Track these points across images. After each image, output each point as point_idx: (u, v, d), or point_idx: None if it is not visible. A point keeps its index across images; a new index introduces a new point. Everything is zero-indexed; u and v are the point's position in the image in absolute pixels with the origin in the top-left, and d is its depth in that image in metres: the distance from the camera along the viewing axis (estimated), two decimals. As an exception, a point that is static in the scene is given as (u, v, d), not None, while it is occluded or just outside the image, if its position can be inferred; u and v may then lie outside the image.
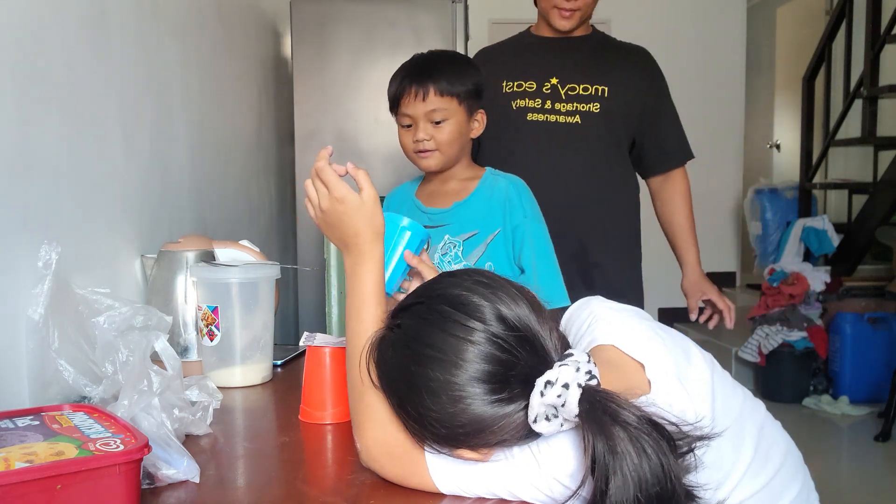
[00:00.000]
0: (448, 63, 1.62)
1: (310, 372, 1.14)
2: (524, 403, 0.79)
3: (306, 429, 1.11)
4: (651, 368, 0.86)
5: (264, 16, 2.91)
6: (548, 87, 1.96)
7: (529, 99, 1.96)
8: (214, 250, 1.49)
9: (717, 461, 0.84)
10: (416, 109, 1.54)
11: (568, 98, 1.95)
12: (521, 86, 1.98)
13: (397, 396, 0.86)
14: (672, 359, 0.89)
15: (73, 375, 1.08)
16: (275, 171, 3.02)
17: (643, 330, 0.92)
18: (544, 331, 0.84)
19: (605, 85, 1.94)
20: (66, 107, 1.25)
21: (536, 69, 1.98)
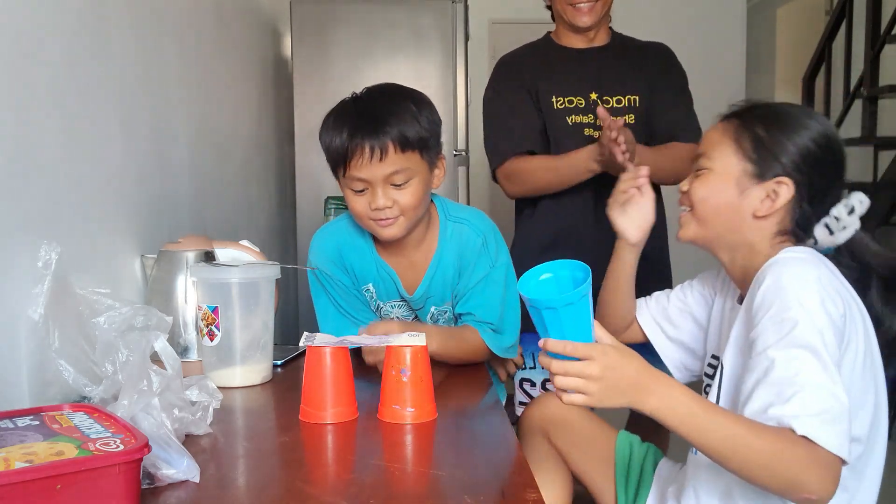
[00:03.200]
0: (402, 105, 1.34)
1: (310, 372, 1.14)
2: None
3: (306, 429, 1.11)
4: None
5: (264, 16, 2.91)
6: (592, 102, 1.97)
7: (582, 115, 1.97)
8: (214, 250, 1.49)
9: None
10: (374, 172, 1.30)
11: (610, 112, 1.93)
12: (571, 101, 1.97)
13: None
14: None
15: (73, 375, 1.08)
16: (275, 171, 3.02)
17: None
18: None
19: (635, 94, 1.96)
20: (66, 107, 1.25)
21: (579, 84, 1.98)
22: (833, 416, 0.91)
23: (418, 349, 1.15)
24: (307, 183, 2.97)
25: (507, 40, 5.33)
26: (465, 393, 1.34)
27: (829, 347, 0.95)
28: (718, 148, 1.15)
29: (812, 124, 1.11)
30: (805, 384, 0.92)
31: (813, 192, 1.10)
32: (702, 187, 1.15)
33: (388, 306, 1.55)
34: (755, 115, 1.14)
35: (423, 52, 2.91)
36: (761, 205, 1.10)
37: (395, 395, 1.12)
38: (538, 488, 0.88)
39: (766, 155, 1.10)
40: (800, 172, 1.09)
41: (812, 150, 1.09)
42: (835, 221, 1.10)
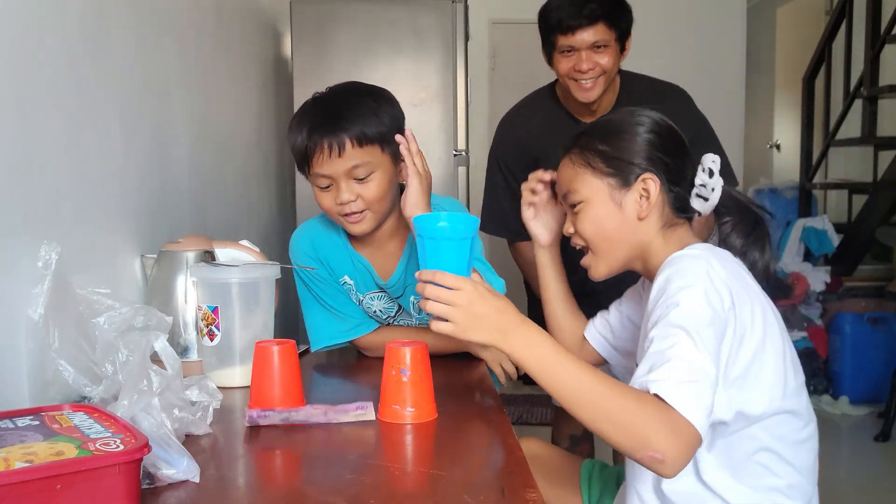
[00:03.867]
0: (358, 101, 1.38)
1: (258, 371, 1.17)
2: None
3: (306, 429, 1.11)
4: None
5: (264, 16, 2.91)
6: None
7: None
8: (214, 250, 1.49)
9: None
10: (334, 168, 1.34)
11: None
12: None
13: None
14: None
15: (73, 375, 1.08)
16: (275, 171, 3.02)
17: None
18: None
19: None
20: (66, 107, 1.25)
21: None
22: (695, 387, 0.92)
23: (418, 349, 1.15)
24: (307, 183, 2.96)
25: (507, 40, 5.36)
26: (465, 393, 1.34)
27: (703, 330, 0.96)
28: (578, 179, 1.17)
29: (639, 118, 1.16)
30: (673, 356, 0.94)
31: (672, 173, 1.14)
32: (585, 221, 1.16)
33: (368, 298, 1.57)
34: (590, 136, 1.17)
35: (423, 52, 2.90)
36: (640, 206, 1.13)
37: (395, 395, 1.12)
38: (538, 488, 0.88)
39: (619, 163, 1.14)
40: (654, 163, 1.13)
41: (653, 140, 1.14)
42: (703, 189, 1.15)
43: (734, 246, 1.15)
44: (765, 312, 1.06)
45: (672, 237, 1.14)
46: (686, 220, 1.17)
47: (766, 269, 1.15)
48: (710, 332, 0.96)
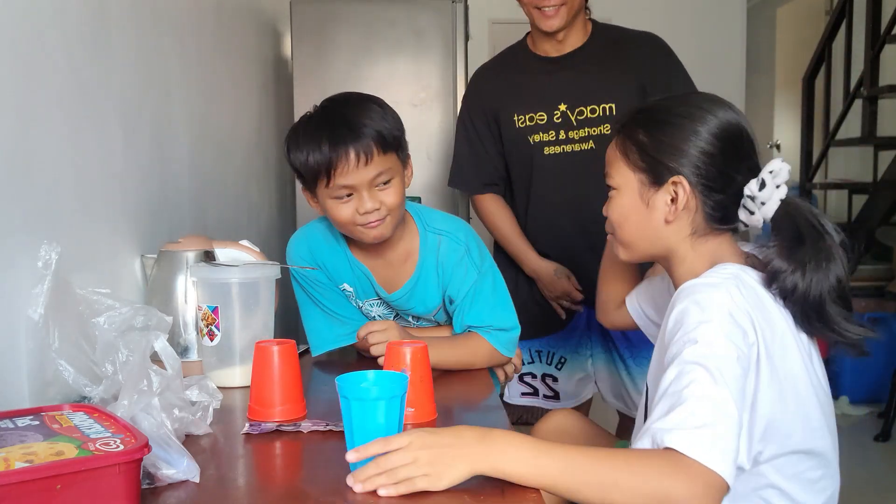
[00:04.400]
0: (369, 107, 1.35)
1: (258, 372, 1.16)
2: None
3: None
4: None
5: (264, 16, 2.91)
6: (558, 116, 1.87)
7: (543, 132, 1.88)
8: (214, 250, 1.49)
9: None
10: (360, 177, 1.29)
11: (579, 123, 1.86)
12: (532, 118, 1.89)
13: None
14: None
15: (73, 375, 1.08)
16: (275, 171, 3.02)
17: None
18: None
19: (611, 102, 1.84)
20: (67, 107, 1.25)
21: (544, 97, 1.88)
22: (713, 430, 0.85)
23: (418, 349, 1.15)
24: (307, 183, 2.96)
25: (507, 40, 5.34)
26: (465, 393, 1.34)
27: (725, 367, 0.90)
28: (615, 165, 1.12)
29: (695, 113, 1.07)
30: (689, 396, 0.87)
31: (716, 180, 1.05)
32: (614, 210, 1.13)
33: (367, 304, 1.56)
34: (636, 122, 1.11)
35: (423, 52, 2.90)
36: (668, 210, 1.07)
37: (396, 395, 1.12)
38: (538, 489, 0.88)
39: (653, 159, 1.07)
40: (695, 166, 1.05)
41: (696, 141, 1.05)
42: (750, 201, 1.05)
43: (772, 269, 1.02)
44: (786, 349, 0.99)
45: (703, 247, 1.07)
46: (727, 231, 1.08)
47: (805, 299, 1.00)
48: (731, 370, 0.90)
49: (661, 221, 1.08)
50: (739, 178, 1.06)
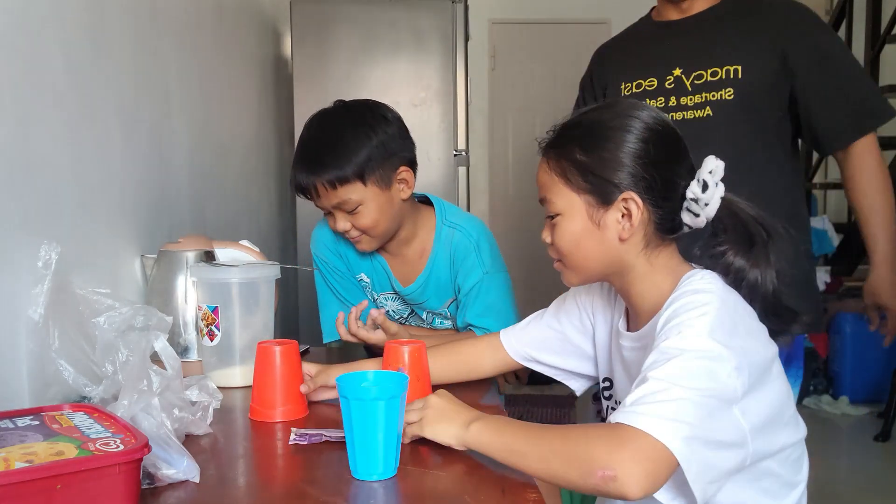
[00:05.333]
0: (335, 140, 1.41)
1: (260, 372, 1.16)
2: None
3: (306, 429, 1.11)
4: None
5: (264, 16, 2.91)
6: (670, 81, 1.68)
7: (651, 99, 1.69)
8: (214, 250, 1.49)
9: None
10: (322, 204, 1.44)
11: (695, 88, 1.66)
12: (640, 85, 1.72)
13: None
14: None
15: (73, 375, 1.08)
16: (275, 171, 3.02)
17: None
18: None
19: (737, 63, 1.61)
20: (66, 107, 1.25)
21: (657, 62, 1.71)
22: (665, 406, 0.85)
23: (416, 349, 1.15)
24: (307, 183, 2.97)
25: (507, 40, 5.36)
26: (464, 393, 1.34)
27: (699, 358, 0.89)
28: (554, 190, 1.06)
29: (629, 122, 1.03)
30: (651, 377, 0.88)
31: (660, 188, 1.02)
32: (562, 237, 1.06)
33: (383, 298, 1.60)
34: (568, 139, 1.05)
35: (423, 52, 2.90)
36: (621, 228, 1.03)
37: (395, 395, 1.12)
38: (538, 488, 0.88)
39: (598, 178, 1.02)
40: (639, 179, 1.01)
41: (641, 150, 1.01)
42: (693, 203, 1.02)
43: (734, 269, 1.01)
44: (771, 344, 1.00)
45: (658, 260, 1.04)
46: (673, 241, 1.06)
47: (765, 293, 1.01)
48: (704, 364, 0.88)
49: (616, 240, 1.03)
50: (682, 182, 1.03)
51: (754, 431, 0.91)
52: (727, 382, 0.88)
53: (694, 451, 0.84)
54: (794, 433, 1.01)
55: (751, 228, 1.02)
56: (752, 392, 0.91)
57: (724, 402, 0.88)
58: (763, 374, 0.94)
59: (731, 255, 1.02)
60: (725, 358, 0.89)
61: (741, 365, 0.90)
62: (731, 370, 0.89)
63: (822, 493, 2.90)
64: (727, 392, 0.88)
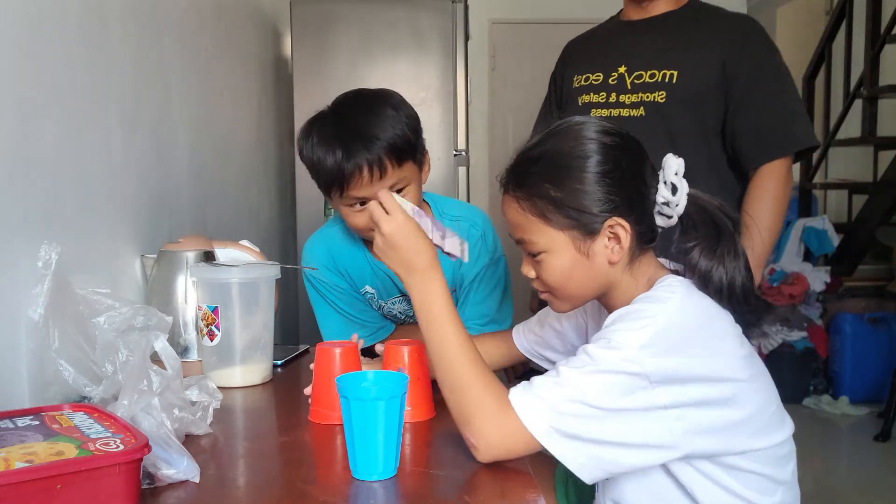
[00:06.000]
0: (385, 113, 1.31)
1: (320, 372, 1.14)
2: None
3: (307, 429, 1.11)
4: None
5: (264, 16, 2.91)
6: (614, 78, 1.73)
7: (594, 93, 1.74)
8: (214, 250, 1.49)
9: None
10: (374, 190, 1.23)
11: (634, 88, 1.71)
12: (587, 79, 1.77)
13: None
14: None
15: (73, 375, 1.08)
16: (275, 171, 3.02)
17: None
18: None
19: (674, 69, 1.66)
20: (66, 107, 1.25)
21: (606, 58, 1.76)
22: (543, 392, 0.93)
23: (416, 349, 1.15)
24: (307, 183, 2.94)
25: (507, 40, 5.36)
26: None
27: (614, 388, 0.91)
28: (531, 229, 1.03)
29: (585, 147, 1.01)
30: (560, 370, 0.94)
31: (636, 203, 1.01)
32: (552, 274, 1.04)
33: (390, 303, 1.57)
34: (536, 176, 1.02)
35: (423, 52, 2.90)
36: (611, 252, 1.02)
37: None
38: (538, 488, 0.88)
39: (578, 213, 1.00)
40: (615, 201, 1.00)
41: (607, 172, 1.00)
42: (666, 207, 1.02)
43: (701, 270, 1.01)
44: (748, 345, 1.01)
45: (638, 270, 1.04)
46: (651, 248, 1.06)
47: (732, 288, 1.00)
48: (615, 378, 0.91)
49: (605, 265, 1.03)
50: (651, 188, 1.03)
51: (705, 434, 0.94)
52: (637, 395, 0.91)
53: (560, 443, 0.91)
54: (778, 433, 1.02)
55: (717, 220, 1.02)
56: (704, 404, 0.93)
57: (626, 410, 0.91)
58: (721, 385, 0.95)
59: (696, 252, 1.01)
60: (644, 375, 0.91)
61: (670, 379, 0.92)
62: (648, 385, 0.91)
63: (822, 493, 2.90)
64: (635, 403, 0.91)
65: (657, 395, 0.92)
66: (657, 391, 0.91)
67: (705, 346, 0.96)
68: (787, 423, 1.05)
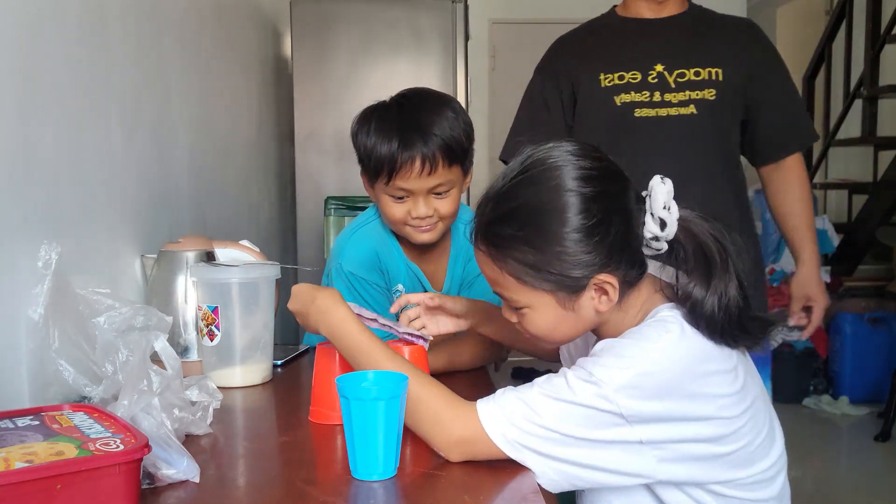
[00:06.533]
0: (446, 115, 1.34)
1: (320, 372, 1.14)
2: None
3: (307, 429, 1.11)
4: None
5: (264, 16, 2.91)
6: (654, 77, 1.70)
7: (635, 92, 1.70)
8: (214, 250, 1.49)
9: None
10: (421, 185, 1.31)
11: (679, 86, 1.70)
12: (622, 77, 1.71)
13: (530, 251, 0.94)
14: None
15: (73, 375, 1.08)
16: (275, 171, 3.02)
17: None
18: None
19: (718, 66, 1.69)
20: (66, 107, 1.25)
21: (637, 56, 1.72)
22: (508, 409, 0.92)
23: (416, 349, 1.15)
24: (307, 183, 2.97)
25: (507, 40, 5.36)
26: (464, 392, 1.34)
27: (579, 403, 0.89)
28: (510, 287, 0.97)
29: (561, 198, 0.92)
30: (537, 384, 0.93)
31: (621, 247, 0.94)
32: (536, 327, 1.00)
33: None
34: (510, 238, 0.95)
35: (423, 52, 2.91)
36: (599, 303, 0.96)
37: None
38: (538, 488, 0.88)
39: (560, 276, 0.94)
40: (600, 259, 0.93)
41: (593, 227, 0.92)
42: (655, 241, 0.96)
43: (693, 298, 0.94)
44: (750, 374, 0.97)
45: (629, 304, 0.99)
46: (637, 284, 0.99)
47: (727, 318, 0.94)
48: (581, 411, 0.89)
49: (593, 314, 0.98)
50: (637, 220, 0.96)
51: (685, 463, 0.92)
52: (610, 430, 0.89)
53: (518, 450, 0.91)
54: (765, 460, 0.98)
55: (707, 251, 0.96)
56: (686, 441, 0.91)
57: (596, 441, 0.89)
58: (706, 423, 0.92)
59: (687, 281, 0.95)
60: (617, 414, 0.88)
61: (649, 419, 0.89)
62: (624, 423, 0.89)
63: (822, 493, 2.90)
64: (607, 436, 0.89)
65: (634, 432, 0.89)
66: (635, 429, 0.89)
67: (690, 390, 0.91)
68: (776, 444, 1.01)
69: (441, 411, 0.96)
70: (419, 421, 0.97)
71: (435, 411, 0.96)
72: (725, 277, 0.95)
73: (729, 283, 0.95)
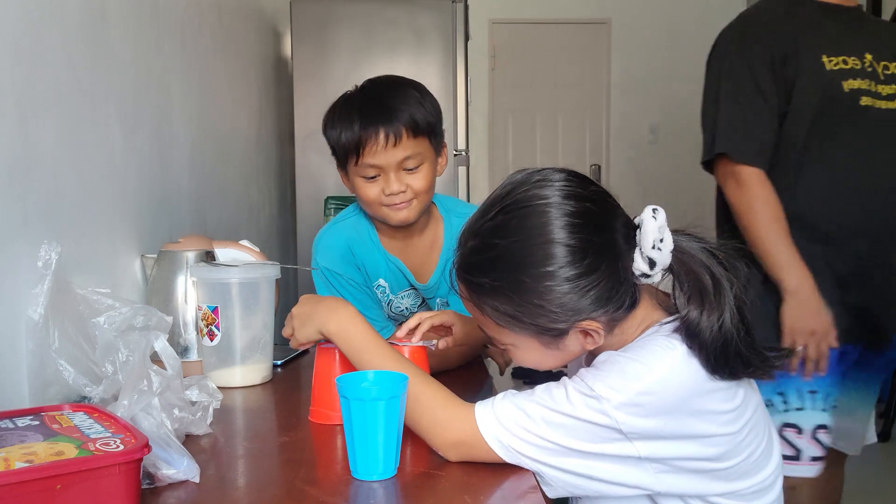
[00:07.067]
0: (406, 91, 1.38)
1: (320, 372, 1.14)
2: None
3: (307, 429, 1.11)
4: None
5: (264, 16, 2.91)
6: (868, 64, 1.57)
7: (861, 79, 1.55)
8: (214, 250, 1.49)
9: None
10: (387, 158, 1.34)
11: (887, 79, 1.58)
12: (846, 62, 1.56)
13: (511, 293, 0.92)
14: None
15: (73, 375, 1.08)
16: (275, 171, 3.02)
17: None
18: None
19: None
20: (66, 107, 1.25)
21: (850, 42, 1.58)
22: (503, 414, 0.92)
23: (416, 349, 1.15)
24: (307, 183, 2.98)
25: (507, 40, 5.36)
26: (464, 393, 1.33)
27: (574, 415, 0.88)
28: (492, 328, 0.97)
29: (546, 249, 0.90)
30: (537, 391, 0.92)
31: (608, 291, 0.91)
32: (519, 361, 1.01)
33: (399, 297, 1.58)
34: (490, 289, 0.93)
35: (423, 52, 2.91)
36: (585, 343, 0.95)
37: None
38: (538, 488, 0.88)
39: (542, 328, 0.93)
40: (585, 307, 0.91)
41: (578, 276, 0.89)
42: (646, 278, 0.93)
43: (689, 321, 0.91)
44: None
45: (625, 325, 0.97)
46: (630, 313, 0.96)
47: (728, 344, 0.90)
48: (575, 424, 0.88)
49: (580, 350, 0.97)
50: (626, 259, 0.92)
51: (683, 475, 0.92)
52: (608, 444, 0.88)
53: (512, 455, 0.91)
54: (763, 471, 0.97)
55: (702, 280, 0.93)
56: (686, 458, 0.91)
57: (594, 454, 0.89)
58: (706, 440, 0.91)
59: (691, 308, 0.92)
60: (616, 429, 0.88)
61: (650, 436, 0.88)
62: (623, 438, 0.88)
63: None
64: (605, 450, 0.89)
65: (633, 447, 0.89)
66: (634, 444, 0.89)
67: (692, 409, 0.90)
68: (775, 452, 1.01)
69: (439, 412, 0.96)
70: (418, 421, 0.98)
71: (434, 412, 0.97)
72: (718, 307, 0.91)
73: (723, 313, 0.91)
